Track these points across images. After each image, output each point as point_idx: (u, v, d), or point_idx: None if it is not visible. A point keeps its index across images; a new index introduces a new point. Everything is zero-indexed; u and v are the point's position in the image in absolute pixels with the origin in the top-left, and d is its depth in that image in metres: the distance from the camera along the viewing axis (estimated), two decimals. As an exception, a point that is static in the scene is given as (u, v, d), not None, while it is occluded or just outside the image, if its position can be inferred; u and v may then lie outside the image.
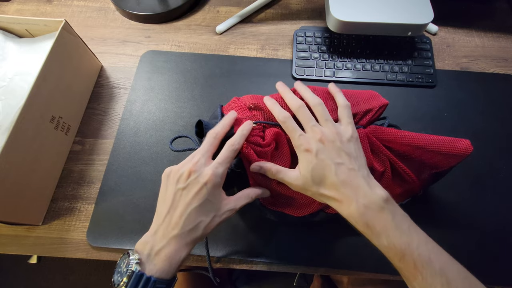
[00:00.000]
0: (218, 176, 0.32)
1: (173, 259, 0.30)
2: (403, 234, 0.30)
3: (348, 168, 0.32)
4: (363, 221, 0.31)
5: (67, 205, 0.47)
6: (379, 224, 0.30)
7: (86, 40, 0.53)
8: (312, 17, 0.64)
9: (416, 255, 0.29)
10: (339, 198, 0.32)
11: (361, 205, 0.31)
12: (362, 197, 0.31)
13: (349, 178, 0.32)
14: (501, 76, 0.57)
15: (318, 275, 0.82)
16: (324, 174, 0.32)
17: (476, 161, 0.50)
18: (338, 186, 0.32)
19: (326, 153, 0.32)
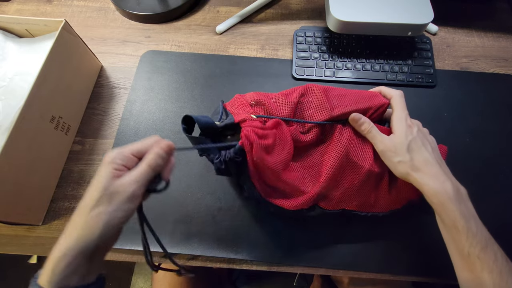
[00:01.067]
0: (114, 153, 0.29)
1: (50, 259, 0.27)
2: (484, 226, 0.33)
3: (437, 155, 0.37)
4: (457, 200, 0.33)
5: (67, 205, 0.47)
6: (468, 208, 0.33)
7: (86, 40, 0.53)
8: (312, 17, 0.64)
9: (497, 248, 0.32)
10: (433, 172, 0.35)
11: (455, 185, 0.34)
12: (454, 180, 0.35)
13: (439, 161, 0.36)
14: (501, 76, 0.57)
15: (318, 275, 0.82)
16: (421, 148, 0.36)
17: (476, 161, 0.50)
18: (433, 163, 0.35)
19: (422, 136, 0.37)
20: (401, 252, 0.44)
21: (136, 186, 0.28)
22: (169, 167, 0.32)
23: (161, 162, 0.30)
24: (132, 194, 0.28)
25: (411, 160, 0.35)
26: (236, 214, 0.46)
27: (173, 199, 0.47)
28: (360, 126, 0.38)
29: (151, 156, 0.30)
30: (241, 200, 0.47)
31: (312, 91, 0.40)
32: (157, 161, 0.30)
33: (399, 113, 0.38)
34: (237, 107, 0.39)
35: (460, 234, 0.32)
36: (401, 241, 0.44)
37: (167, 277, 0.59)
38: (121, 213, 0.27)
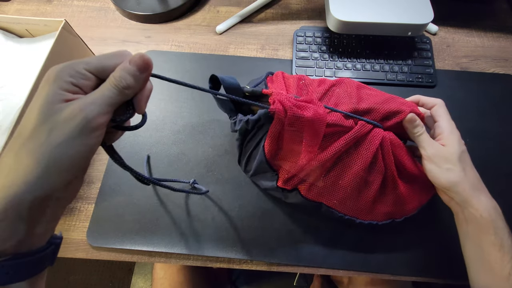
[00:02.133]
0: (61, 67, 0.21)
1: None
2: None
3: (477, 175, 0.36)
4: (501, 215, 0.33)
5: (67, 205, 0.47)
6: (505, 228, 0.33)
7: (86, 40, 0.53)
8: (312, 17, 0.64)
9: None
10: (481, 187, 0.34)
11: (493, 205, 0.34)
12: (491, 199, 0.34)
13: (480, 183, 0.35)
14: (501, 76, 0.57)
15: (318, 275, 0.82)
16: (468, 162, 0.35)
17: (476, 161, 0.49)
18: (480, 180, 0.35)
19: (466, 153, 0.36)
20: (401, 252, 0.44)
21: (94, 110, 0.20)
22: (144, 93, 0.24)
23: (132, 82, 0.22)
24: (88, 121, 0.20)
25: (462, 171, 0.34)
26: (236, 214, 0.46)
27: (173, 199, 0.47)
28: (414, 128, 0.37)
29: (118, 73, 0.22)
30: (241, 200, 0.47)
31: (343, 82, 0.40)
32: (126, 80, 0.22)
33: (449, 122, 0.37)
34: (276, 82, 0.40)
35: (504, 253, 0.31)
36: (401, 241, 0.44)
37: (167, 277, 0.59)
38: (73, 149, 0.20)
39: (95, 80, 0.22)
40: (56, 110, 0.20)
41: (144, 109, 0.24)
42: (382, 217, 0.41)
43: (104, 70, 0.22)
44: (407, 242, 0.44)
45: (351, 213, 0.41)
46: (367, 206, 0.39)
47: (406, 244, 0.44)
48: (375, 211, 0.40)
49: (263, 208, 0.46)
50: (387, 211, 0.40)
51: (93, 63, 0.22)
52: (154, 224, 0.45)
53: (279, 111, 0.33)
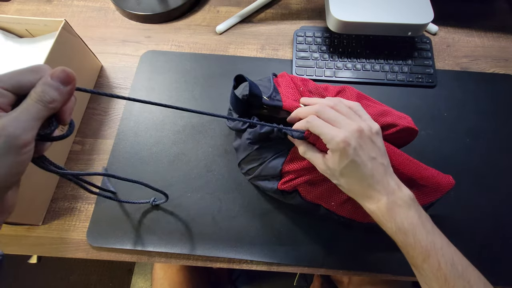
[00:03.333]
0: None
1: None
2: (429, 233, 0.30)
3: (380, 163, 0.32)
4: (391, 217, 0.31)
5: (67, 205, 0.47)
6: (407, 221, 0.30)
7: (86, 40, 0.53)
8: (312, 17, 0.64)
9: (441, 255, 0.29)
10: (368, 193, 0.32)
11: (390, 201, 0.31)
12: (391, 194, 0.31)
13: (380, 174, 0.32)
14: (501, 76, 0.57)
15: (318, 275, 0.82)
16: (358, 170, 0.32)
17: (476, 161, 0.50)
18: (370, 182, 0.32)
19: (363, 147, 0.32)
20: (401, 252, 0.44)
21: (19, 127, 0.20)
22: (68, 105, 0.23)
23: (56, 96, 0.21)
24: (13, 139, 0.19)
25: (347, 185, 0.33)
26: (236, 214, 0.46)
27: (173, 199, 0.47)
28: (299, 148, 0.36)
29: (40, 87, 0.21)
30: (241, 200, 0.47)
31: (344, 91, 0.41)
32: (50, 94, 0.21)
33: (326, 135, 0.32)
34: (285, 87, 0.41)
35: (402, 249, 0.32)
36: (401, 241, 0.44)
37: (167, 277, 0.59)
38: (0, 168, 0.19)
39: (12, 97, 0.21)
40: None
41: (68, 121, 0.24)
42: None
43: (21, 86, 0.21)
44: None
45: (349, 215, 0.41)
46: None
47: (406, 244, 0.44)
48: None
49: (263, 208, 0.46)
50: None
51: (6, 80, 0.21)
52: (154, 224, 0.45)
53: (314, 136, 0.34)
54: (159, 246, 0.44)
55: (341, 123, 0.32)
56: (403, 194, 0.31)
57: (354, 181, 0.32)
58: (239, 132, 0.42)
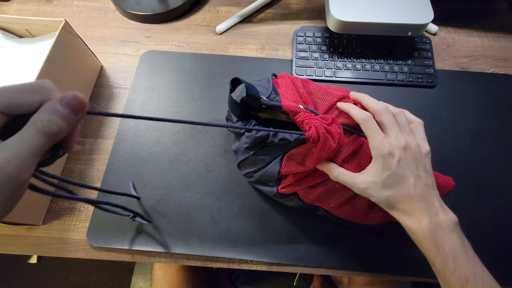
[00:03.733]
0: None
1: None
2: (470, 261, 0.30)
3: (425, 183, 0.32)
4: (433, 238, 0.30)
5: (67, 205, 0.47)
6: (449, 245, 0.30)
7: (86, 40, 0.53)
8: (312, 17, 0.64)
9: (480, 284, 0.29)
10: (410, 210, 0.31)
11: (434, 221, 0.30)
12: (435, 215, 0.31)
13: (425, 193, 0.32)
14: (501, 76, 0.57)
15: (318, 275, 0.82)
16: (401, 183, 0.31)
17: (476, 161, 0.50)
18: (413, 198, 0.31)
19: (407, 162, 0.32)
20: (401, 252, 0.44)
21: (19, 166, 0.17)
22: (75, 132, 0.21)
23: (65, 126, 0.19)
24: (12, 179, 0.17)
25: (386, 200, 0.32)
26: (236, 214, 0.46)
27: (173, 199, 0.47)
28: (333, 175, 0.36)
29: (47, 116, 0.18)
30: (241, 200, 0.47)
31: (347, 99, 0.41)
32: (58, 124, 0.18)
33: (374, 141, 0.33)
34: (284, 87, 0.40)
35: (438, 272, 0.31)
36: (401, 241, 0.44)
37: (166, 277, 0.59)
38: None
39: (3, 119, 0.18)
40: None
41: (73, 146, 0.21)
42: (379, 221, 0.41)
43: (17, 106, 0.18)
44: (407, 242, 0.44)
45: (348, 216, 0.41)
46: (364, 210, 0.40)
47: (406, 244, 0.44)
48: (372, 215, 0.40)
49: (263, 208, 0.46)
50: (383, 215, 0.40)
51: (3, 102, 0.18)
52: (154, 224, 0.45)
53: (315, 138, 0.34)
54: (159, 246, 0.44)
55: (392, 133, 0.33)
56: (447, 218, 0.31)
57: (397, 194, 0.32)
58: (238, 135, 0.42)
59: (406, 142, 0.32)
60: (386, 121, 0.34)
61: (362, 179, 0.33)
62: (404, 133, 0.34)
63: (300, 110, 0.38)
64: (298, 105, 0.38)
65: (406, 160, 0.32)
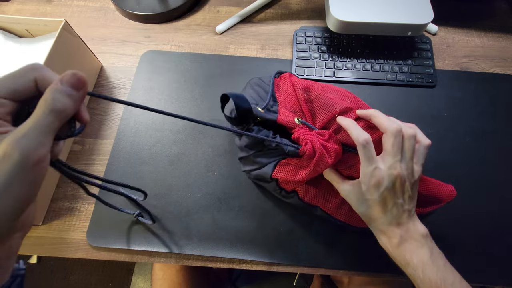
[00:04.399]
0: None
1: None
2: (439, 270, 0.31)
3: (404, 209, 0.33)
4: (402, 254, 0.33)
5: (67, 205, 0.47)
6: (417, 258, 0.32)
7: (86, 40, 0.53)
8: (312, 17, 0.64)
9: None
10: (383, 229, 0.34)
11: (403, 239, 0.33)
12: (405, 232, 0.33)
13: (401, 219, 0.33)
14: (501, 76, 0.57)
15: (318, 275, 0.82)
16: (379, 208, 0.33)
17: (476, 161, 0.50)
18: (390, 223, 0.33)
19: (392, 191, 0.33)
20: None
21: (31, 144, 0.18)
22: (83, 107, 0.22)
23: (69, 103, 0.20)
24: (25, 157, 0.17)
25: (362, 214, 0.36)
26: (236, 214, 0.46)
27: (173, 199, 0.47)
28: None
29: (50, 95, 0.19)
30: (241, 200, 0.47)
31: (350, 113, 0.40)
32: (62, 101, 0.19)
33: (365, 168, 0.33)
34: (284, 93, 0.40)
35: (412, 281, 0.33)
36: (401, 241, 0.44)
37: (166, 277, 0.59)
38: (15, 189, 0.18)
39: (11, 105, 0.20)
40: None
41: (87, 117, 0.22)
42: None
43: (17, 91, 0.20)
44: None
45: (345, 219, 0.41)
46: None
47: (406, 244, 0.44)
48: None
49: (263, 208, 0.46)
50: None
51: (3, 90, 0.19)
52: (154, 224, 0.45)
53: (310, 154, 0.35)
54: (159, 246, 0.44)
55: (389, 161, 0.32)
56: (417, 233, 0.33)
57: (375, 214, 0.34)
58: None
59: (399, 173, 0.32)
60: (390, 147, 0.33)
61: (345, 188, 0.36)
62: (403, 161, 0.33)
63: (296, 125, 0.37)
64: (293, 120, 0.37)
65: (391, 190, 0.33)
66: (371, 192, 0.33)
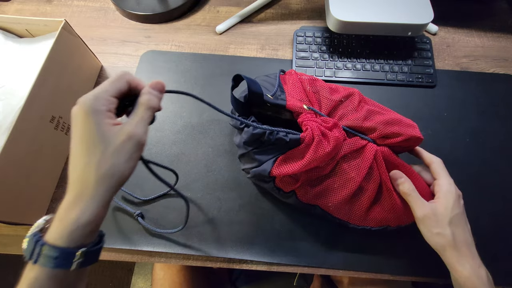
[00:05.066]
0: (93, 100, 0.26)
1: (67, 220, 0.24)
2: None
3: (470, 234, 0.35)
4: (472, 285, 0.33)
5: (67, 205, 0.47)
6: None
7: (86, 40, 0.53)
8: (312, 17, 0.64)
9: None
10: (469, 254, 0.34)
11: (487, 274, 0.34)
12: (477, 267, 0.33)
13: (472, 242, 0.35)
14: (501, 76, 0.57)
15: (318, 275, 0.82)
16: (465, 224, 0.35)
17: (476, 161, 0.50)
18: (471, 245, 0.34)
19: (465, 214, 0.36)
20: (401, 252, 0.44)
21: (142, 132, 0.27)
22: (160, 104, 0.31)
23: (157, 102, 0.29)
24: (139, 141, 0.26)
25: (452, 235, 0.34)
26: (236, 214, 0.46)
27: (173, 199, 0.47)
28: (399, 185, 0.37)
29: (147, 97, 0.28)
30: (241, 200, 0.47)
31: (352, 95, 0.41)
32: (154, 101, 0.29)
33: (447, 179, 0.36)
34: (291, 85, 0.41)
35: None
36: (401, 241, 0.44)
37: (167, 277, 0.59)
38: (133, 161, 0.26)
39: (116, 102, 0.27)
40: (111, 136, 0.25)
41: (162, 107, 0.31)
42: (376, 223, 0.41)
43: (120, 92, 0.28)
44: (407, 242, 0.44)
45: (345, 217, 0.41)
46: (361, 211, 0.40)
47: (406, 244, 0.44)
48: (369, 217, 0.40)
49: (263, 208, 0.46)
50: (381, 218, 0.40)
51: (112, 90, 0.27)
52: (154, 224, 0.45)
53: (309, 140, 0.35)
54: (159, 246, 0.44)
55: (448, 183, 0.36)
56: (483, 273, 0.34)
57: (462, 235, 0.34)
58: (239, 130, 0.42)
59: (460, 193, 0.36)
60: (445, 172, 0.37)
61: (431, 206, 0.35)
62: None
63: (304, 110, 0.38)
64: (302, 105, 0.38)
65: (464, 207, 0.36)
66: (459, 204, 0.35)
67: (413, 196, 0.36)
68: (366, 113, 0.39)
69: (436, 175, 0.37)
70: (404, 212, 0.39)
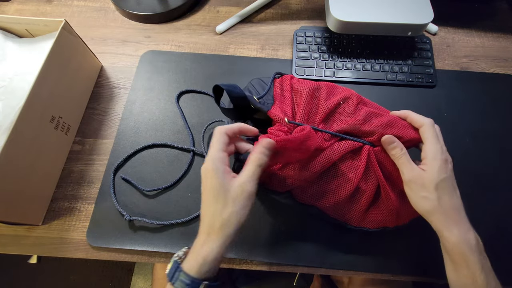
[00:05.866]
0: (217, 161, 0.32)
1: (199, 255, 0.30)
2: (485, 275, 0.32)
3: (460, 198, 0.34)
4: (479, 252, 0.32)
5: (67, 205, 0.47)
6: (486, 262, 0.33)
7: (86, 40, 0.53)
8: (312, 17, 0.64)
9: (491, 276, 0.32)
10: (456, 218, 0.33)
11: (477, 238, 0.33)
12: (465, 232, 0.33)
13: (461, 206, 0.34)
14: (501, 76, 0.57)
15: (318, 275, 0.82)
16: (451, 189, 0.34)
17: (476, 161, 0.50)
18: (460, 209, 0.33)
19: (453, 178, 0.35)
20: (401, 252, 0.44)
21: (253, 186, 0.31)
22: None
23: (266, 159, 0.33)
24: (250, 194, 0.31)
25: (438, 200, 0.33)
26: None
27: (173, 199, 0.47)
28: (391, 150, 0.36)
29: (259, 155, 0.32)
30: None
31: (350, 98, 0.41)
32: (264, 159, 0.32)
33: (434, 144, 0.35)
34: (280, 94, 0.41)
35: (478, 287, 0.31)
36: (401, 241, 0.44)
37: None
38: (246, 210, 0.31)
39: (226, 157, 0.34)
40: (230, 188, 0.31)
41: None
42: (374, 225, 0.41)
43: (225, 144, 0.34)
44: (407, 242, 0.44)
45: (343, 218, 0.41)
46: (359, 212, 0.40)
47: (406, 244, 0.44)
48: (367, 218, 0.40)
49: (263, 208, 0.46)
50: (379, 219, 0.40)
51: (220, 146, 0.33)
52: (154, 224, 0.45)
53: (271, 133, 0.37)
54: (159, 246, 0.44)
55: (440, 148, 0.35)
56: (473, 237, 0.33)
57: (449, 199, 0.33)
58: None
59: (449, 158, 0.35)
60: (434, 136, 0.36)
61: (421, 172, 0.34)
62: (444, 147, 0.36)
63: (283, 122, 0.38)
64: (283, 117, 0.38)
65: (452, 172, 0.35)
66: (445, 168, 0.34)
67: (403, 159, 0.35)
68: (365, 116, 0.39)
69: (424, 139, 0.36)
70: (401, 212, 0.39)
